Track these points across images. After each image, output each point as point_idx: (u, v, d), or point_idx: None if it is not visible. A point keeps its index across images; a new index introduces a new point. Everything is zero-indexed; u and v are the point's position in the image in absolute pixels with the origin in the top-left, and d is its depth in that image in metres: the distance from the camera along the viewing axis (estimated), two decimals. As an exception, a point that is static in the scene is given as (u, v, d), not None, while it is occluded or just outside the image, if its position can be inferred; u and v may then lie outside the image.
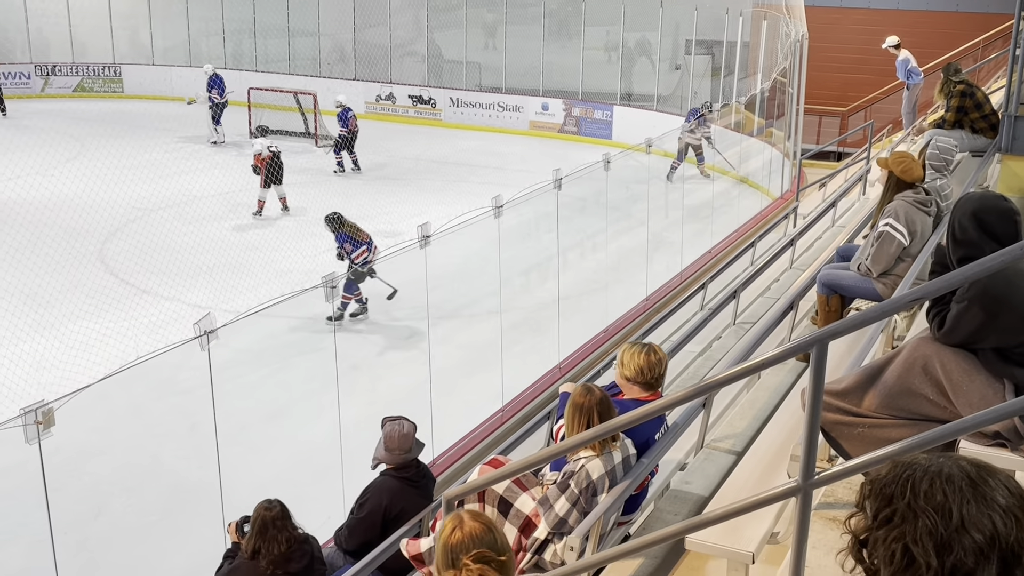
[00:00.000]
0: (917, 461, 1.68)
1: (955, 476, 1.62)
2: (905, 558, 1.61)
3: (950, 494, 1.59)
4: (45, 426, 5.00)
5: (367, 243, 11.96)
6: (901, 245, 5.77)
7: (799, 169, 17.53)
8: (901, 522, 1.62)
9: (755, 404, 5.64)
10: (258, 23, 27.13)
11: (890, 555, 1.63)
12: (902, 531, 1.61)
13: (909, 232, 5.76)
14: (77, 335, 10.20)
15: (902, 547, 1.61)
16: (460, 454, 8.51)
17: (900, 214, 5.79)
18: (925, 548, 1.59)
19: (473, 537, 2.79)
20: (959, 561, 1.57)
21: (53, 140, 20.49)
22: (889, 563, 1.64)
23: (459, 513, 2.91)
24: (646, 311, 11.77)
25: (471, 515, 2.90)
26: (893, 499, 1.64)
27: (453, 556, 2.77)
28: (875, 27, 21.96)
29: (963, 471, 1.63)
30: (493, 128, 24.08)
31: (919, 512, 1.60)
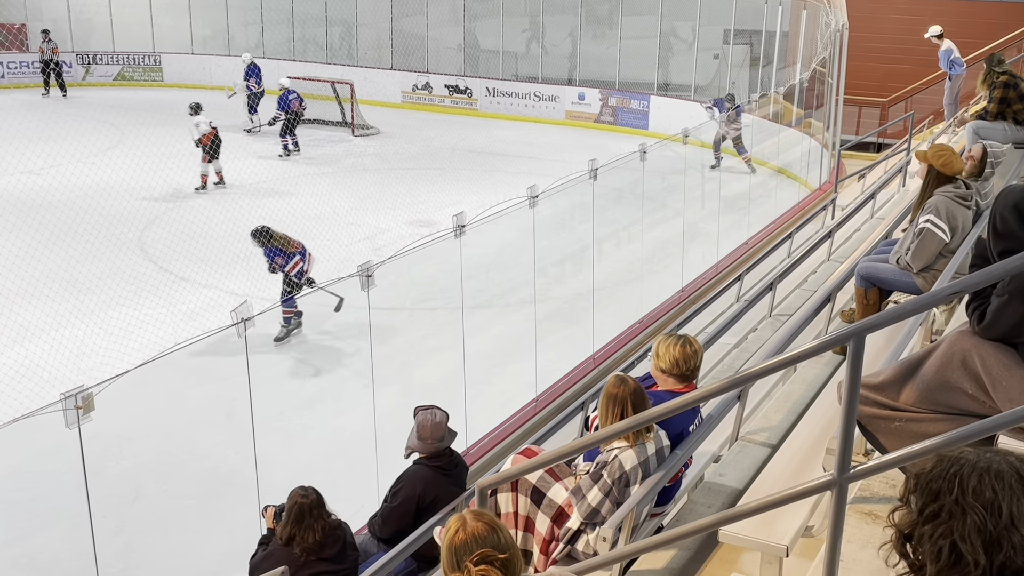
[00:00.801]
0: (964, 456, 1.64)
1: (1004, 472, 1.59)
2: (952, 555, 1.59)
3: (1000, 491, 1.56)
4: (85, 411, 5.07)
5: (300, 253, 11.09)
6: (942, 242, 5.69)
7: (838, 160, 17.35)
8: (948, 518, 1.59)
9: (791, 397, 5.60)
10: (296, 12, 27.27)
11: (936, 551, 1.61)
12: (949, 527, 1.58)
13: (950, 228, 5.68)
14: (116, 321, 10.33)
15: (949, 544, 1.59)
16: (494, 443, 8.53)
17: (941, 210, 5.70)
18: (973, 545, 1.56)
19: (476, 537, 2.79)
20: (1008, 559, 1.54)
21: (94, 128, 20.75)
22: (936, 559, 1.61)
23: (462, 514, 2.91)
24: (681, 302, 11.72)
25: (474, 515, 2.89)
26: (940, 494, 1.61)
27: (457, 558, 2.77)
28: (917, 16, 21.64)
29: (1012, 467, 1.60)
30: (529, 118, 24.05)
31: (968, 508, 1.57)
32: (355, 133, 21.95)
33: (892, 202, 11.07)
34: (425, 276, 11.88)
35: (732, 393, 4.82)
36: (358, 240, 13.93)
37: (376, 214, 15.19)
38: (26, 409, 5.57)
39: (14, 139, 18.43)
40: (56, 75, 25.69)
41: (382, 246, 13.85)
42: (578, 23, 24.59)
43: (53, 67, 25.62)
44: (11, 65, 26.01)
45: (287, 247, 11.11)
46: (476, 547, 2.75)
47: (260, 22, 27.67)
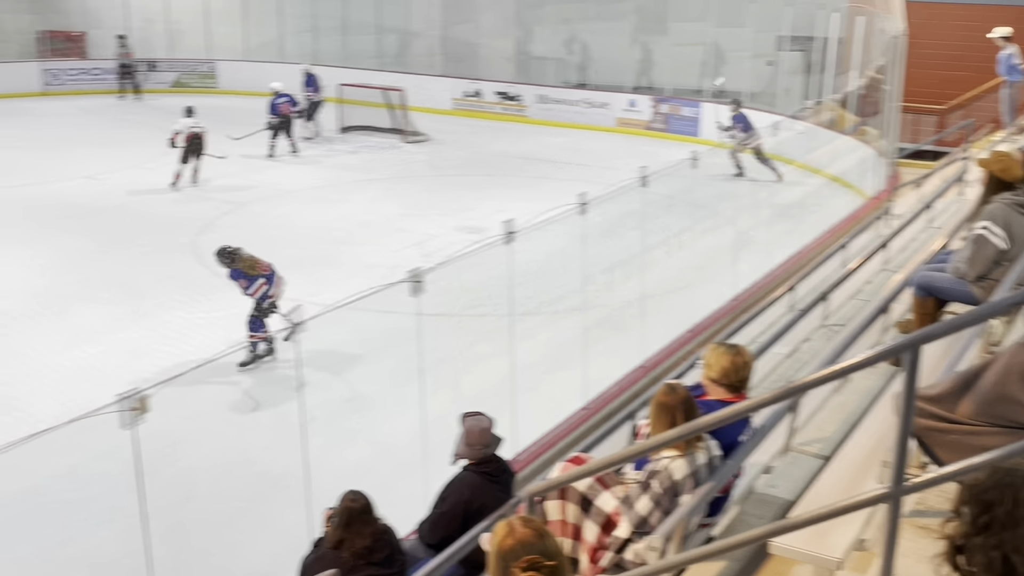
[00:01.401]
0: (1019, 468, 1.63)
1: None
2: (1004, 566, 1.57)
3: None
4: (140, 413, 5.14)
5: (266, 276, 10.56)
6: (998, 249, 5.58)
7: (894, 168, 17.10)
8: (1001, 529, 1.57)
9: (844, 408, 5.52)
10: (348, 20, 27.53)
11: (988, 562, 1.59)
12: (1001, 539, 1.57)
13: (1008, 236, 5.57)
14: (171, 324, 10.49)
15: (1001, 555, 1.57)
16: (542, 450, 8.50)
17: (998, 216, 5.60)
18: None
19: (524, 543, 2.78)
20: None
21: (151, 134, 21.08)
22: (987, 571, 1.59)
23: (510, 520, 2.90)
24: (733, 311, 11.60)
25: (522, 521, 2.89)
26: (993, 506, 1.60)
27: (505, 564, 2.77)
28: (976, 23, 21.26)
29: None
30: (579, 125, 24.02)
31: (1020, 520, 1.55)
32: (405, 140, 22.09)
33: (950, 211, 10.88)
34: (474, 282, 11.90)
35: (784, 403, 4.77)
36: (408, 246, 13.99)
37: (426, 220, 15.27)
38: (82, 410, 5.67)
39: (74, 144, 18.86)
40: (131, 78, 26.66)
41: (431, 252, 13.92)
42: (629, 30, 24.52)
43: (129, 70, 26.60)
44: (71, 72, 26.58)
45: (252, 270, 10.52)
46: (524, 553, 2.75)
47: (313, 30, 27.97)
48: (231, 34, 28.40)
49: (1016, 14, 18.54)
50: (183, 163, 17.18)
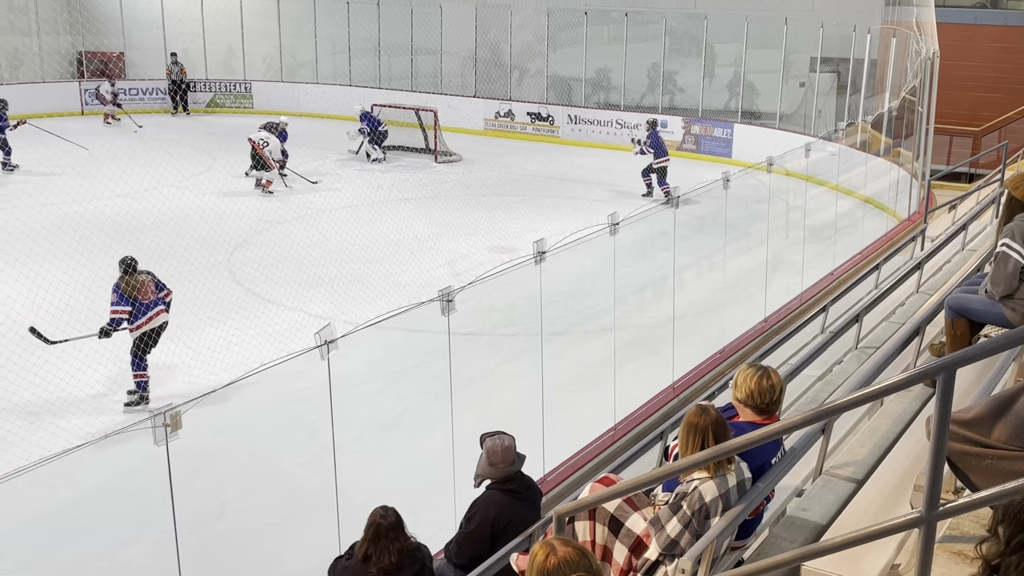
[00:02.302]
0: None
1: None
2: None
3: None
4: (173, 428, 5.19)
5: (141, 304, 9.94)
6: (1019, 264, 5.59)
7: (928, 190, 16.98)
8: None
9: (877, 431, 5.47)
10: (382, 42, 27.79)
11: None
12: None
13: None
14: (204, 342, 10.57)
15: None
16: (571, 471, 8.49)
17: (1017, 233, 5.62)
18: None
19: (568, 562, 2.79)
20: None
21: (187, 153, 21.37)
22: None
23: (547, 540, 2.91)
24: (764, 333, 11.55)
25: (562, 542, 2.90)
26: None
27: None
28: (1011, 44, 21.16)
29: None
30: (611, 145, 24.06)
31: None
32: (438, 160, 22.22)
33: (984, 234, 10.78)
34: (505, 302, 11.93)
35: (816, 426, 4.73)
36: (439, 265, 14.05)
37: (457, 240, 15.33)
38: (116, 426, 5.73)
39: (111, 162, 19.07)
40: (182, 95, 27.51)
41: (463, 271, 13.96)
42: (661, 51, 24.56)
43: (181, 88, 27.44)
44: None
45: (129, 291, 9.93)
46: (569, 571, 2.76)
47: (348, 51, 28.25)
48: (267, 55, 28.76)
49: (1052, 35, 18.41)
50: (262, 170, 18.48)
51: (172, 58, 27.20)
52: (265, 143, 18.59)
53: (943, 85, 18.41)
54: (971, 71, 21.38)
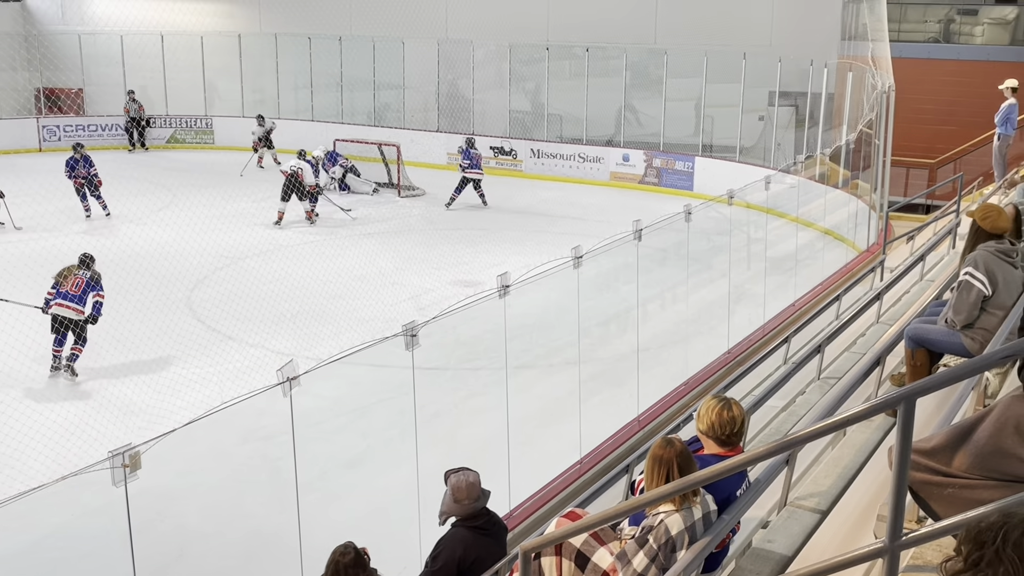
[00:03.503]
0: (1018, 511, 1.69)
1: None
2: None
3: None
4: (132, 469, 5.10)
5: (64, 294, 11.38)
6: (981, 294, 5.68)
7: (886, 221, 17.22)
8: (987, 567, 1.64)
9: (840, 461, 5.49)
10: (345, 77, 27.84)
11: None
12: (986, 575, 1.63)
13: (990, 281, 5.67)
14: (164, 380, 10.45)
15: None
16: (537, 506, 8.44)
17: (979, 262, 5.71)
18: None
19: None
20: None
21: (146, 190, 21.20)
22: None
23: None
24: (727, 364, 11.60)
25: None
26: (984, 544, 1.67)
27: None
28: (964, 78, 21.59)
29: None
30: (573, 179, 24.21)
31: (1004, 559, 1.63)
32: (401, 194, 22.23)
33: (942, 264, 10.94)
34: (469, 336, 11.91)
35: (780, 457, 4.74)
36: (403, 300, 14.02)
37: (421, 274, 15.31)
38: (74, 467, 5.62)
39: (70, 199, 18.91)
40: (140, 132, 27.26)
41: (426, 306, 13.92)
42: (623, 85, 24.82)
43: (139, 125, 27.20)
44: (68, 128, 26.79)
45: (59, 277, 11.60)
46: None
47: (310, 86, 28.27)
48: (228, 90, 28.69)
49: (1004, 70, 18.76)
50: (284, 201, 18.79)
51: (130, 95, 27.03)
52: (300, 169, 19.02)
53: (899, 118, 18.73)
54: (926, 104, 21.78)
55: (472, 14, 25.03)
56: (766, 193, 16.15)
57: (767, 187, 15.37)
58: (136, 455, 5.11)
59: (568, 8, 25.17)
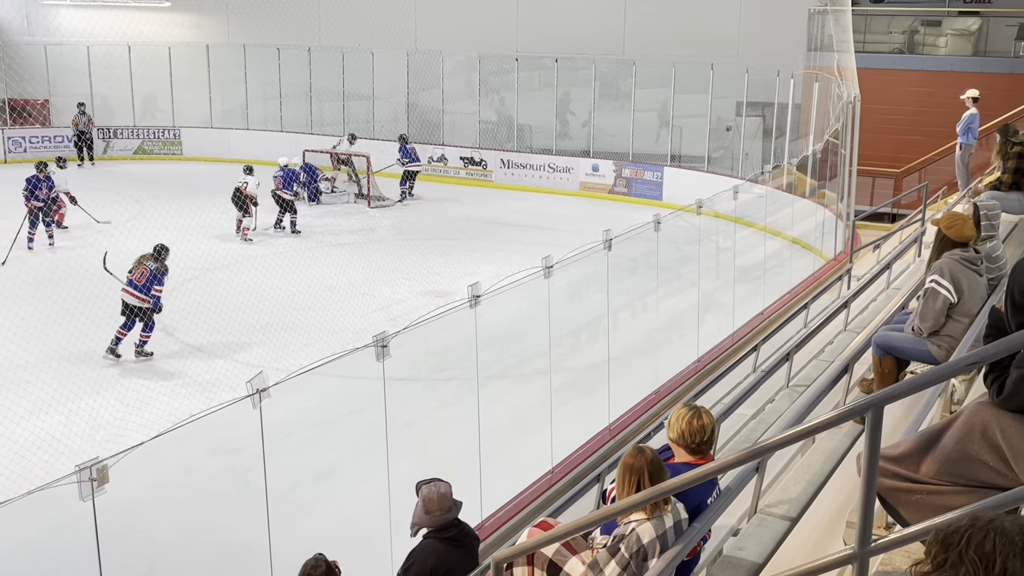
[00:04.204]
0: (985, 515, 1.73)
1: (1009, 531, 1.66)
2: None
3: (999, 546, 1.65)
4: (99, 483, 5.05)
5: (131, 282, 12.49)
6: (947, 301, 5.76)
7: (852, 230, 17.39)
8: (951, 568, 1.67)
9: (809, 469, 5.53)
10: (314, 88, 27.76)
11: None
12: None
13: (956, 289, 5.76)
14: (132, 393, 10.36)
15: None
16: (509, 516, 8.44)
17: (945, 270, 5.80)
18: None
19: None
20: None
21: (113, 201, 21.01)
22: None
23: None
24: (697, 373, 11.66)
25: None
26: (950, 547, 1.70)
27: None
28: (928, 88, 21.87)
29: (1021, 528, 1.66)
30: (543, 189, 24.26)
31: (966, 560, 1.65)
32: (371, 205, 22.18)
33: (908, 272, 11.05)
34: (440, 346, 11.89)
35: (750, 465, 4.77)
36: (373, 311, 13.98)
37: (391, 285, 15.27)
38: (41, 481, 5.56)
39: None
40: (88, 147, 26.58)
41: (397, 316, 13.88)
42: (592, 96, 24.93)
43: (87, 139, 26.55)
44: (33, 140, 26.51)
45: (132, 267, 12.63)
46: None
47: (279, 97, 28.16)
48: (196, 101, 28.51)
49: (967, 80, 19.03)
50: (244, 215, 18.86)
51: (80, 108, 26.45)
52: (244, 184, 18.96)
53: (865, 128, 18.93)
54: (891, 114, 22.03)
55: (441, 25, 25.04)
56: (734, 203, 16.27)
57: (735, 197, 15.48)
58: (104, 469, 5.06)
59: (537, 19, 25.26)
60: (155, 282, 12.48)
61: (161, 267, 12.66)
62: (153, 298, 12.44)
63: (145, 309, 12.42)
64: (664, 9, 23.82)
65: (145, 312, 12.42)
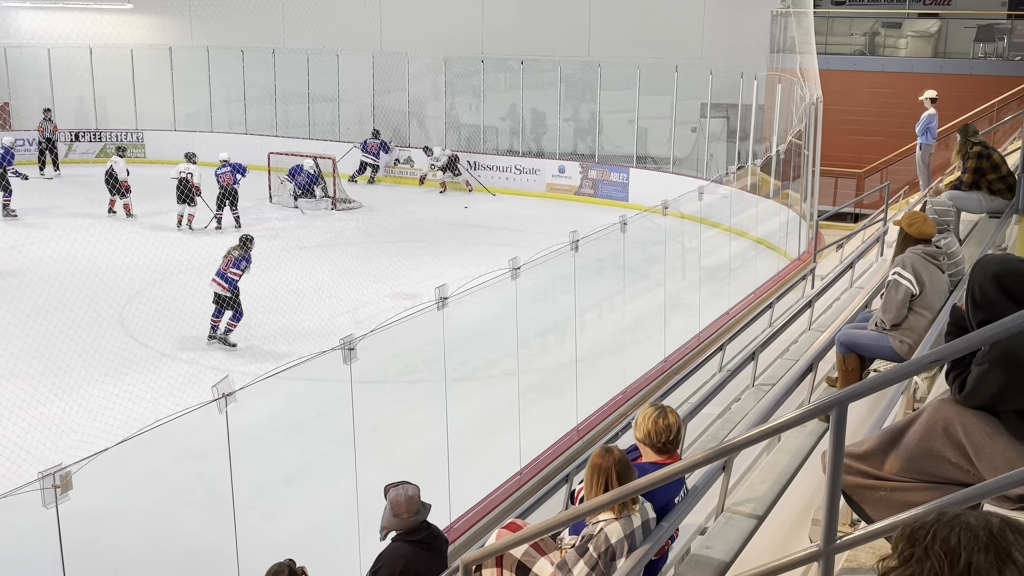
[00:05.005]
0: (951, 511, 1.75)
1: (974, 526, 1.68)
2: None
3: (964, 541, 1.67)
4: (63, 490, 4.99)
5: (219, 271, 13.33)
6: (909, 292, 5.86)
7: (816, 230, 17.55)
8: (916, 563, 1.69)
9: (775, 467, 5.58)
10: (278, 90, 27.59)
11: None
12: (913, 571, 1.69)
13: (917, 281, 5.86)
14: (96, 398, 10.24)
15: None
16: (478, 518, 8.44)
17: (907, 263, 5.91)
18: None
19: None
20: None
21: (76, 205, 20.78)
22: None
23: None
24: (664, 373, 11.72)
25: None
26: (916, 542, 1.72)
27: None
28: (890, 89, 22.11)
29: (986, 523, 1.68)
30: (510, 191, 24.28)
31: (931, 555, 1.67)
32: (337, 207, 22.08)
33: (871, 271, 11.18)
34: (408, 349, 11.86)
35: (717, 464, 4.80)
36: (340, 313, 13.91)
37: (358, 287, 15.21)
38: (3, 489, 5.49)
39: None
40: (51, 152, 25.89)
41: (364, 319, 13.81)
42: (558, 98, 24.98)
43: (52, 146, 25.87)
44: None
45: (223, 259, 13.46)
46: None
47: (243, 99, 27.97)
48: (159, 103, 28.25)
49: (927, 81, 19.27)
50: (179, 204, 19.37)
51: (45, 114, 25.84)
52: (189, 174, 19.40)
53: (827, 129, 19.11)
54: (853, 115, 22.26)
55: (407, 27, 25.00)
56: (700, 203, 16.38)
57: (700, 198, 15.58)
58: (67, 475, 5.01)
59: (502, 21, 25.28)
60: (236, 266, 13.37)
61: (243, 255, 13.50)
62: (230, 281, 13.21)
63: (228, 298, 13.17)
64: (629, 11, 23.92)
65: (229, 301, 13.17)
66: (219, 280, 13.33)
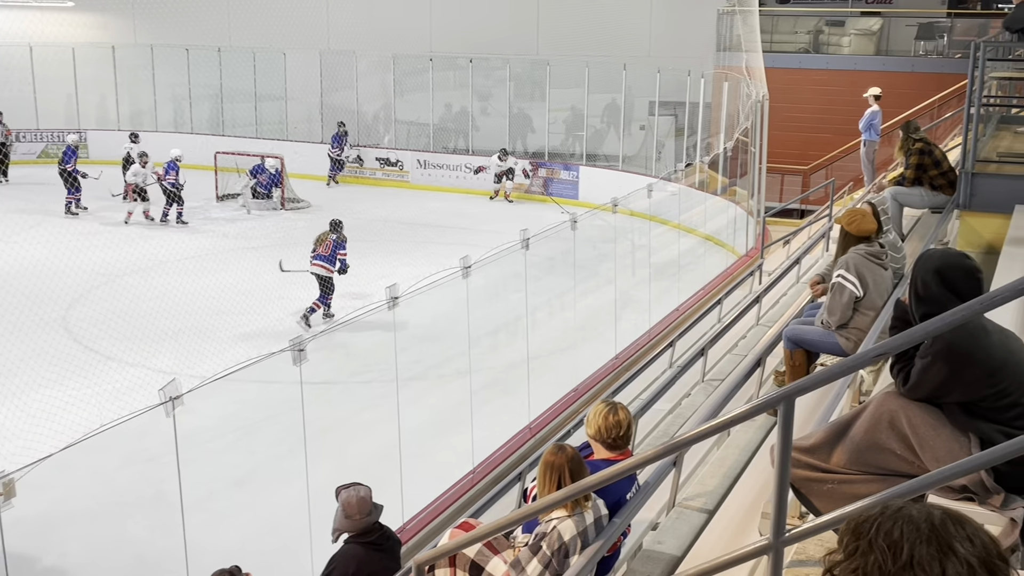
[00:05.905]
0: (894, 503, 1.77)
1: (916, 518, 1.70)
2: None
3: (907, 533, 1.68)
4: (6, 497, 4.90)
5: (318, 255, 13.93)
6: (853, 295, 5.94)
7: (763, 227, 17.74)
8: (860, 555, 1.71)
9: (725, 462, 5.63)
10: (225, 88, 27.27)
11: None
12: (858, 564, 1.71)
13: (861, 283, 5.93)
14: (39, 403, 10.04)
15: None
16: (430, 518, 8.41)
17: (851, 265, 5.98)
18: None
19: None
20: None
21: (16, 207, 20.38)
22: None
23: None
24: (615, 369, 11.77)
25: None
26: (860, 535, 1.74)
27: None
28: (834, 86, 22.43)
29: (928, 516, 1.71)
30: (460, 189, 24.24)
31: (874, 547, 1.69)
32: (286, 207, 21.88)
33: (817, 267, 11.32)
34: (359, 349, 11.80)
35: (668, 459, 4.84)
36: (290, 314, 13.81)
37: (308, 288, 15.08)
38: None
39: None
40: (3, 160, 24.68)
41: (314, 320, 13.75)
42: (507, 96, 24.99)
43: (4, 152, 24.83)
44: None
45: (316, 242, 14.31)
46: None
47: (188, 98, 27.61)
48: (102, 103, 27.79)
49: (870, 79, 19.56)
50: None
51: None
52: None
53: (773, 126, 19.33)
54: (798, 112, 22.54)
55: (354, 25, 24.85)
56: (649, 201, 16.47)
57: (649, 195, 15.68)
58: (10, 482, 4.91)
59: (451, 19, 25.21)
60: (339, 248, 14.13)
61: (341, 236, 14.27)
62: (340, 261, 14.05)
63: (328, 278, 13.88)
64: (577, 10, 23.99)
65: (328, 281, 13.88)
66: (322, 263, 13.93)
